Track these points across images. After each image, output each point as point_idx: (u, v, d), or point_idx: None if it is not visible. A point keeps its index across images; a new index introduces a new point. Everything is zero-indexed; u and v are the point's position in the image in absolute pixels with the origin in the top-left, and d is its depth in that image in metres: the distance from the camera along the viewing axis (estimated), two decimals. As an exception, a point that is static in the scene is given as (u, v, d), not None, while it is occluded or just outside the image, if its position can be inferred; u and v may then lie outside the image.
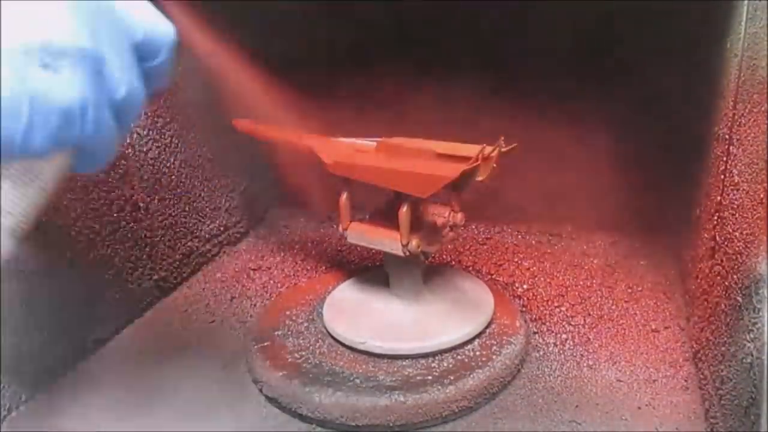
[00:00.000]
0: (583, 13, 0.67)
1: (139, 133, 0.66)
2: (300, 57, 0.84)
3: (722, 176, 0.50)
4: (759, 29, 0.44)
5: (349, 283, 0.64)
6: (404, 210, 0.50)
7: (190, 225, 0.75)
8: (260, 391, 0.53)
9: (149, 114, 0.67)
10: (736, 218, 0.45)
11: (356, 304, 0.59)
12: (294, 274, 0.75)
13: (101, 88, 0.29)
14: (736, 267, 0.43)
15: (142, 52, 0.32)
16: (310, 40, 0.81)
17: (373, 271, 0.64)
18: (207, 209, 0.78)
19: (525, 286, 0.69)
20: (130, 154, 0.65)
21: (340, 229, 0.56)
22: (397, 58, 0.80)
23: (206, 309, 0.68)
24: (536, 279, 0.70)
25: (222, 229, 0.82)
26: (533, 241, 0.80)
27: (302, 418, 0.50)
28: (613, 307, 0.64)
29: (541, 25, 0.71)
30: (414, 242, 0.51)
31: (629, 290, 0.67)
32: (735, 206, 0.46)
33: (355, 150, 0.56)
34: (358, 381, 0.50)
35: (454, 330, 0.54)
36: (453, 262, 0.75)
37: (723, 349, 0.45)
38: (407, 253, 0.52)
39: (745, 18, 0.47)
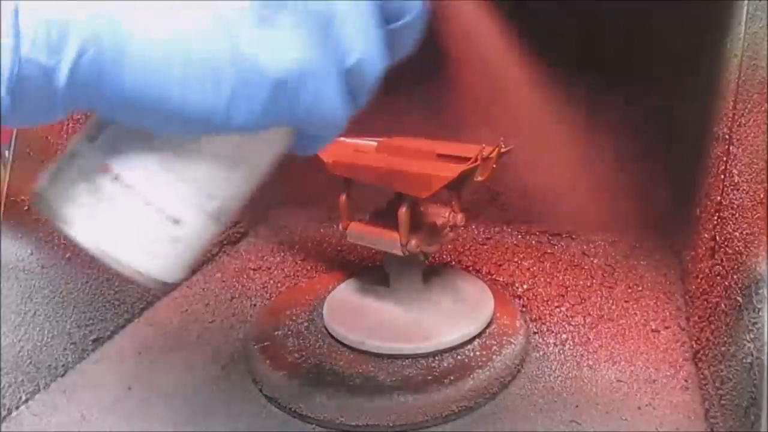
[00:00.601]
0: (583, 13, 0.67)
1: (139, 133, 0.66)
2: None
3: (722, 176, 0.50)
4: (759, 29, 0.44)
5: (349, 283, 0.64)
6: (404, 210, 0.50)
7: (190, 225, 0.75)
8: (260, 391, 0.53)
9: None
10: (736, 218, 0.45)
11: (356, 304, 0.59)
12: (294, 274, 0.75)
13: (328, 52, 0.23)
14: (736, 267, 0.43)
15: (386, 10, 0.25)
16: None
17: (373, 271, 0.64)
18: (207, 209, 0.78)
19: (525, 286, 0.69)
20: (130, 154, 0.65)
21: (340, 228, 0.56)
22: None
23: (206, 309, 0.68)
24: (536, 279, 0.70)
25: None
26: (533, 241, 0.80)
27: (302, 418, 0.50)
28: (613, 307, 0.64)
29: (541, 25, 0.71)
30: (413, 242, 0.51)
31: (629, 290, 0.67)
32: (735, 206, 0.46)
33: (355, 150, 0.56)
34: (358, 381, 0.50)
35: (454, 330, 0.54)
36: (453, 262, 0.75)
37: (723, 349, 0.45)
38: (406, 253, 0.52)
39: (745, 18, 0.47)
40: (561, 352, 0.57)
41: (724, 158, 0.50)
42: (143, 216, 0.25)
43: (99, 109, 0.22)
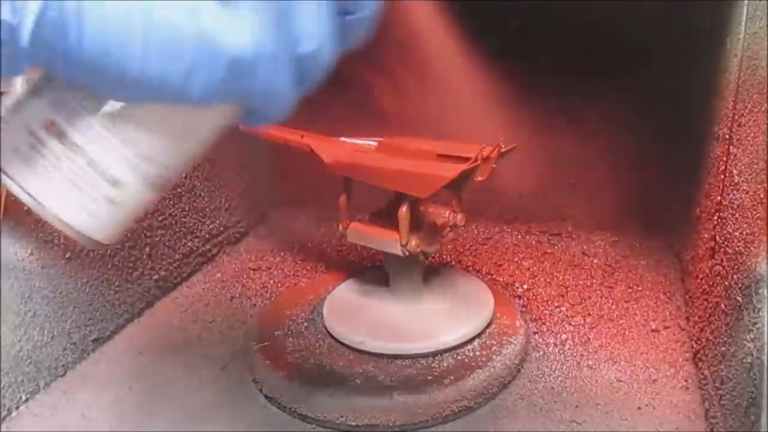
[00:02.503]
0: (584, 13, 0.67)
1: (139, 133, 0.66)
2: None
3: (722, 176, 0.50)
4: (759, 29, 0.44)
5: (349, 283, 0.64)
6: (404, 210, 0.50)
7: (190, 225, 0.75)
8: (260, 391, 0.53)
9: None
10: (736, 218, 0.45)
11: (356, 304, 0.59)
12: (294, 274, 0.75)
13: (284, 38, 0.25)
14: (736, 267, 0.43)
15: (342, 3, 0.27)
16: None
17: (373, 271, 0.64)
18: (207, 209, 0.78)
19: (525, 286, 0.69)
20: (130, 154, 0.65)
21: (340, 228, 0.56)
22: (398, 58, 0.80)
23: (206, 309, 0.68)
24: (536, 279, 0.70)
25: (222, 229, 0.82)
26: (533, 241, 0.80)
27: (302, 418, 0.50)
28: (613, 307, 0.64)
29: (541, 24, 0.71)
30: (413, 242, 0.51)
31: (629, 290, 0.67)
32: (735, 206, 0.46)
33: (354, 150, 0.56)
34: (358, 381, 0.50)
35: (454, 330, 0.54)
36: (453, 262, 0.75)
37: (723, 349, 0.45)
38: (406, 254, 0.52)
39: (745, 18, 0.47)
40: (561, 352, 0.57)
41: (724, 158, 0.50)
42: (84, 174, 0.26)
43: (59, 69, 0.23)
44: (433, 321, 0.56)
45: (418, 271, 0.57)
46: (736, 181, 0.46)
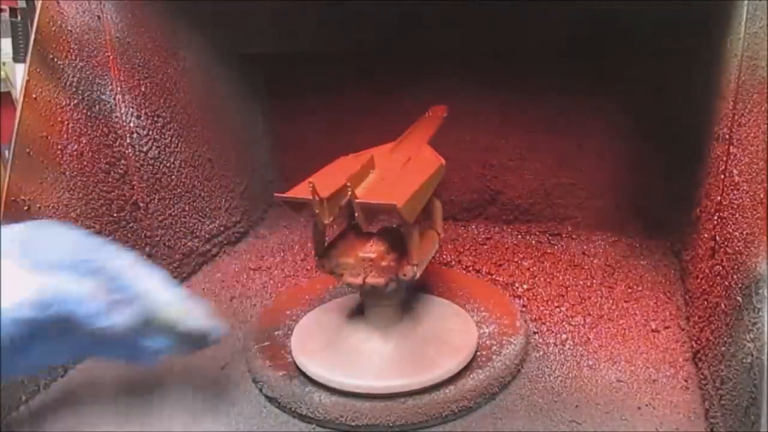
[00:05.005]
0: (584, 13, 0.67)
1: (139, 133, 0.66)
2: (298, 56, 0.84)
3: (722, 176, 0.50)
4: (759, 29, 0.44)
5: (321, 311, 0.60)
6: (313, 225, 0.50)
7: (190, 225, 0.75)
8: (260, 391, 0.53)
9: (149, 114, 0.67)
10: (736, 218, 0.45)
11: (327, 336, 0.55)
12: (294, 274, 0.75)
13: None
14: (736, 267, 0.43)
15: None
16: (309, 40, 0.81)
17: (345, 301, 0.60)
18: (207, 209, 0.78)
19: (525, 286, 0.69)
20: (130, 154, 0.65)
21: None
22: (397, 58, 0.80)
23: (206, 309, 0.68)
24: (536, 279, 0.70)
25: (222, 229, 0.82)
26: (533, 241, 0.80)
27: (302, 418, 0.50)
28: (613, 307, 0.64)
29: (542, 25, 0.71)
30: (321, 261, 0.50)
31: (629, 290, 0.67)
32: (735, 206, 0.46)
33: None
34: (357, 381, 0.50)
35: (431, 369, 0.50)
36: (453, 262, 0.75)
37: (723, 349, 0.45)
38: (320, 267, 0.50)
39: (745, 18, 0.47)
40: (561, 352, 0.57)
41: (724, 158, 0.50)
42: None
43: None
44: (409, 357, 0.51)
45: (391, 302, 0.53)
46: (736, 181, 0.46)
